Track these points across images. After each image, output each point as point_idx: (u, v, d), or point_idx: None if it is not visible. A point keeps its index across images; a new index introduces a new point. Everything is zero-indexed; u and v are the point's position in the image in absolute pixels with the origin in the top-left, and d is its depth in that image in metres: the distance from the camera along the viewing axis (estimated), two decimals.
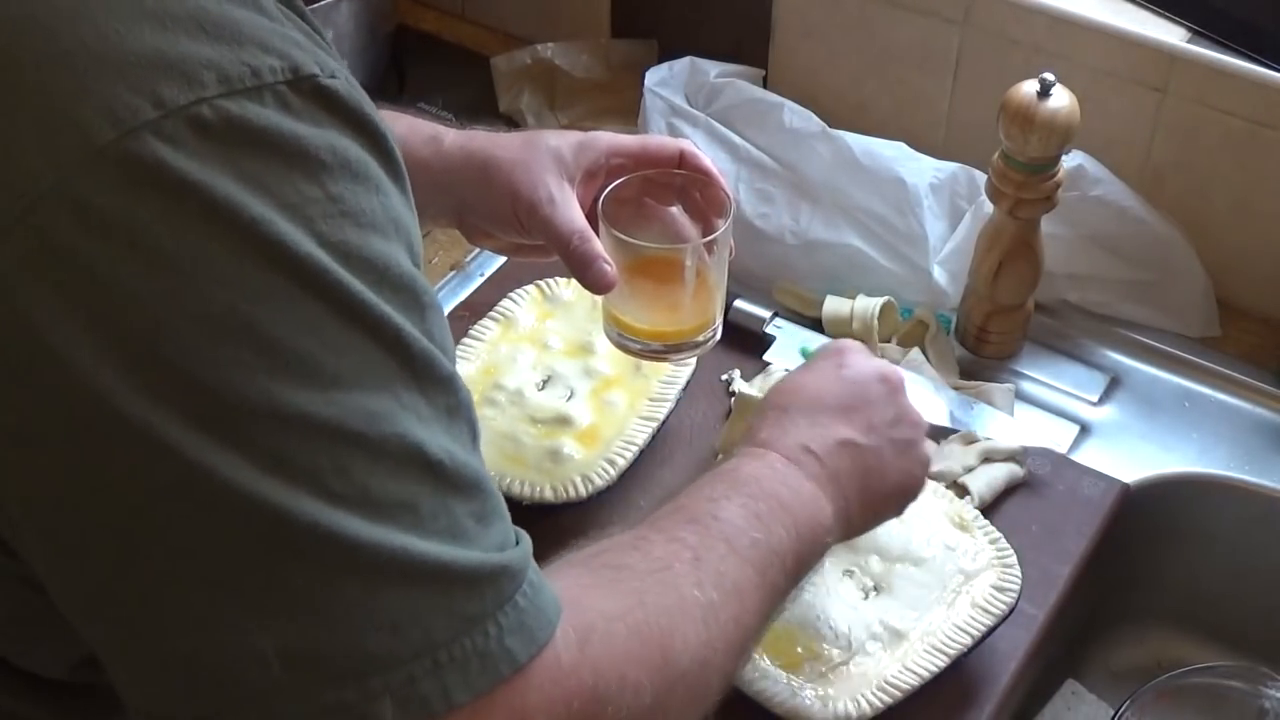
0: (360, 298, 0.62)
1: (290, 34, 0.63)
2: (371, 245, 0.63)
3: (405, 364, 0.63)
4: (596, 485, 1.11)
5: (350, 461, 0.61)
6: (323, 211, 0.61)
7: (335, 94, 0.63)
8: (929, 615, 1.03)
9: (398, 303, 0.63)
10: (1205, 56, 1.23)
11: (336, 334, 0.61)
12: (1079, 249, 1.29)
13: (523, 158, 1.01)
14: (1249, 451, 1.22)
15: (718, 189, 1.04)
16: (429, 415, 0.64)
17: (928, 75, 1.37)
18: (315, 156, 0.61)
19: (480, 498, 0.66)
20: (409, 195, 0.67)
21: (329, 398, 0.61)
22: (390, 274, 0.63)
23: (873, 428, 0.93)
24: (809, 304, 1.29)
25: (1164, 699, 1.15)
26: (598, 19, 1.54)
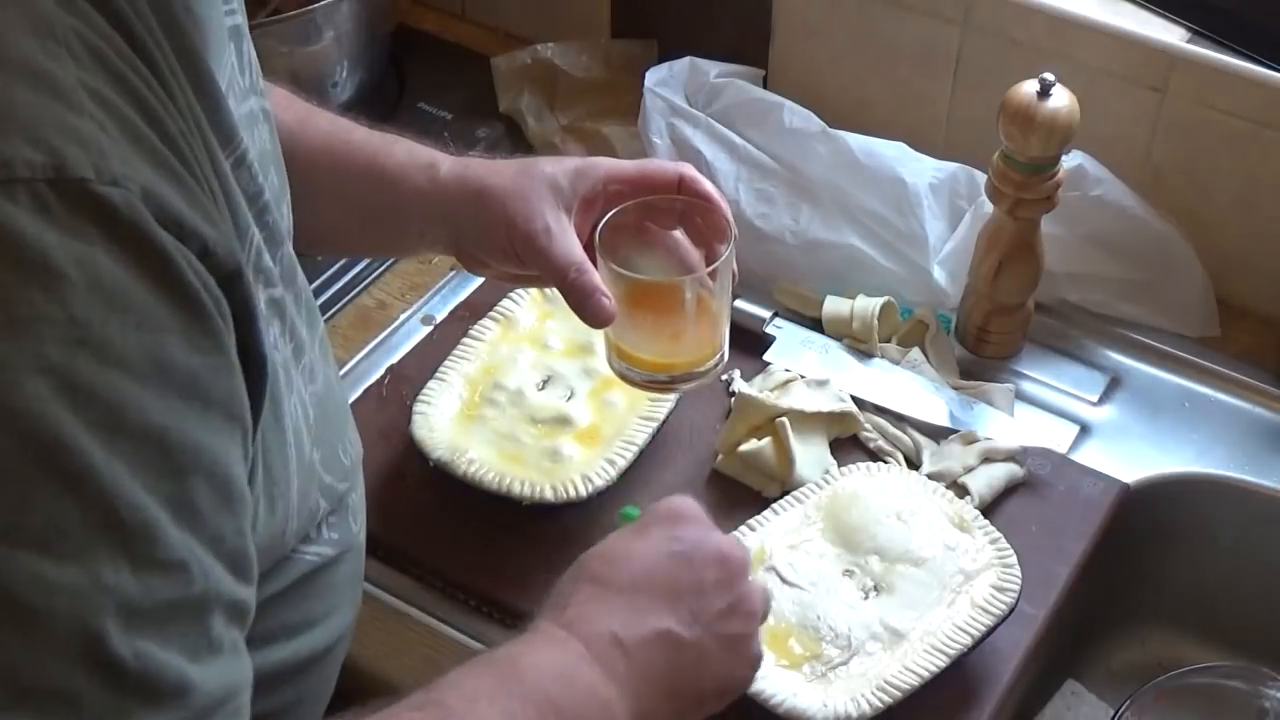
0: (69, 443, 0.53)
1: (81, 126, 0.55)
2: (113, 384, 0.54)
3: (115, 535, 0.54)
4: (596, 485, 1.11)
5: (4, 630, 0.52)
6: (58, 334, 0.53)
7: (108, 205, 0.55)
8: (929, 615, 1.03)
9: (134, 459, 0.55)
10: (1205, 56, 1.23)
11: (23, 480, 0.52)
12: (1079, 249, 1.29)
13: (518, 186, 0.97)
14: (1249, 451, 1.22)
15: (718, 214, 1.00)
16: (133, 603, 0.55)
17: (928, 75, 1.37)
18: (59, 270, 0.53)
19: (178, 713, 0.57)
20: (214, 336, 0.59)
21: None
22: (130, 422, 0.55)
23: (698, 619, 0.82)
24: (809, 304, 1.29)
25: (1164, 699, 1.15)
26: (598, 19, 1.54)
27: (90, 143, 0.55)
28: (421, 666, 1.06)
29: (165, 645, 0.57)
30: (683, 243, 1.01)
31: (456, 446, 1.13)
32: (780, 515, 1.10)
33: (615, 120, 1.45)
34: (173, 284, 0.57)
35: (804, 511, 1.10)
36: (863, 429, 1.20)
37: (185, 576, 0.57)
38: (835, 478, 1.13)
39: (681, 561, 0.84)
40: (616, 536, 0.87)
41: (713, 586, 0.84)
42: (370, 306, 1.32)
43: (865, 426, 1.20)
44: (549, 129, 1.47)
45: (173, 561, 0.57)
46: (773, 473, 1.15)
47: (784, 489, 1.14)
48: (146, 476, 0.55)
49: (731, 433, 1.17)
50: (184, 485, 0.57)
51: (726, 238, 0.99)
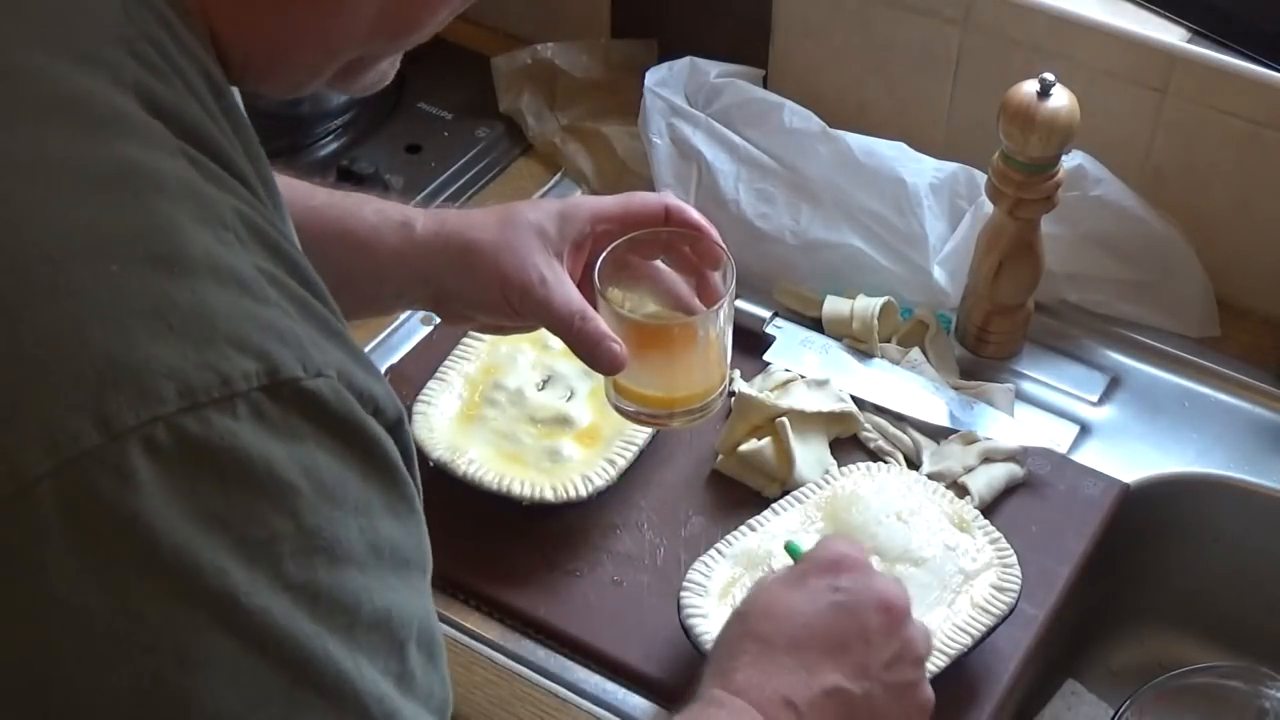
0: (319, 655, 0.53)
1: (275, 319, 0.54)
2: (345, 583, 0.54)
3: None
4: (596, 485, 1.11)
5: None
6: (293, 548, 0.52)
7: (319, 399, 0.54)
8: (929, 615, 1.03)
9: (371, 649, 0.55)
10: (1205, 56, 1.23)
11: (284, 699, 0.53)
12: (1079, 249, 1.29)
13: (505, 239, 0.94)
14: (1249, 451, 1.22)
15: (709, 242, 0.98)
16: None
17: (928, 75, 1.37)
18: (288, 482, 0.52)
19: None
20: (407, 500, 0.59)
21: None
22: (364, 614, 0.55)
23: (867, 671, 0.83)
24: (809, 304, 1.29)
25: (1164, 699, 1.15)
26: (598, 19, 1.54)
27: (288, 336, 0.54)
28: None
29: None
30: (666, 272, 1.00)
31: (456, 446, 1.13)
32: (780, 515, 1.10)
33: (615, 120, 1.45)
34: (375, 460, 0.56)
35: (804, 511, 1.10)
36: (863, 429, 1.20)
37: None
38: (835, 478, 1.13)
39: (844, 613, 0.83)
40: (777, 587, 0.86)
41: (878, 635, 0.83)
42: None
43: (865, 426, 1.20)
44: (549, 129, 1.47)
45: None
46: (773, 473, 1.15)
47: (784, 489, 1.14)
48: (379, 661, 0.56)
49: (731, 433, 1.17)
50: (405, 658, 0.58)
51: (720, 264, 0.98)
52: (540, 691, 1.05)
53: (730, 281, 0.98)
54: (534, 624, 1.08)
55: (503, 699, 1.04)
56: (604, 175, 1.43)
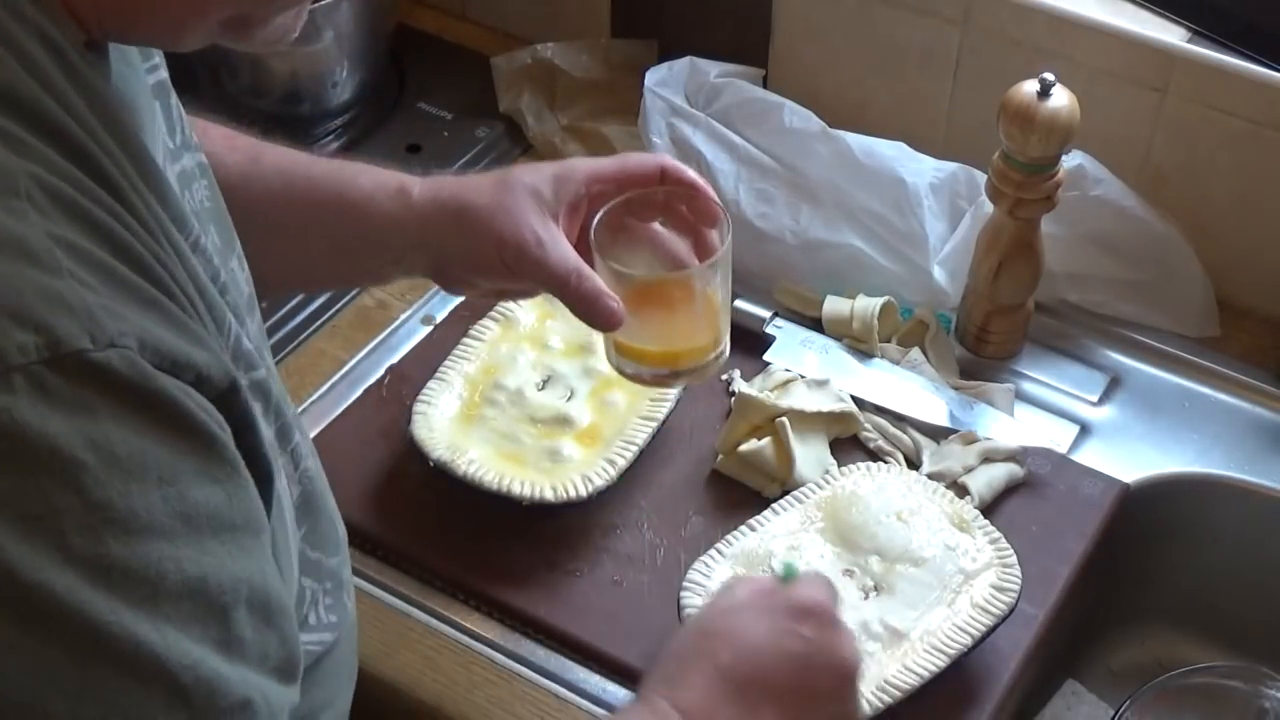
0: (115, 629, 0.52)
1: (64, 289, 0.52)
2: (144, 555, 0.53)
3: (177, 700, 0.54)
4: (596, 485, 1.11)
5: None
6: (77, 523, 0.51)
7: (109, 370, 0.53)
8: (929, 615, 1.03)
9: (180, 618, 0.54)
10: (1205, 56, 1.23)
11: (76, 676, 0.51)
12: (1079, 249, 1.29)
13: (501, 201, 0.95)
14: (1249, 451, 1.22)
15: (706, 200, 0.98)
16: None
17: (928, 75, 1.37)
18: (71, 456, 0.51)
19: None
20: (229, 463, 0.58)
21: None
22: (170, 584, 0.54)
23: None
24: (809, 304, 1.29)
25: (1164, 699, 1.15)
26: (598, 19, 1.54)
27: (78, 307, 0.52)
28: (421, 666, 1.06)
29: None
30: (663, 233, 0.99)
31: (456, 446, 1.13)
32: (780, 515, 1.10)
33: (615, 120, 1.45)
34: (183, 428, 0.55)
35: (804, 511, 1.10)
36: (863, 429, 1.20)
37: (248, 711, 0.57)
38: (835, 478, 1.13)
39: (801, 665, 0.85)
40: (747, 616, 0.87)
41: (824, 696, 0.85)
42: (370, 306, 1.32)
43: (865, 426, 1.20)
44: (549, 129, 1.47)
45: (236, 703, 0.57)
46: (773, 473, 1.15)
47: (784, 489, 1.14)
48: (194, 629, 0.55)
49: (731, 433, 1.17)
50: (229, 623, 0.57)
51: (719, 221, 0.98)
52: (540, 691, 1.05)
53: (727, 237, 0.97)
54: (534, 624, 1.08)
55: (503, 699, 1.04)
56: None
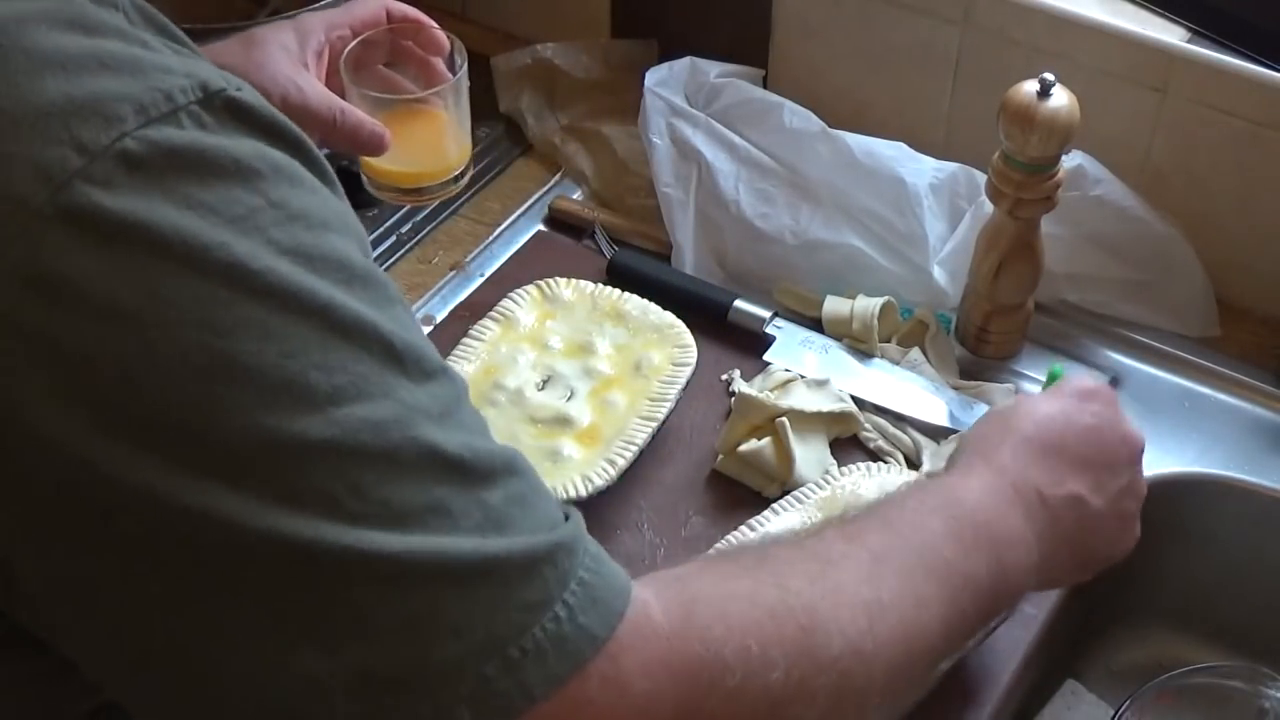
0: (334, 302, 0.60)
1: (182, 59, 0.62)
2: (329, 243, 0.61)
3: (395, 363, 0.61)
4: (596, 485, 1.11)
5: (363, 478, 0.59)
6: (272, 219, 0.60)
7: (248, 105, 0.61)
8: None
9: (369, 299, 0.62)
10: (1205, 56, 1.23)
11: (320, 347, 0.59)
12: (1079, 249, 1.29)
13: (253, 58, 1.04)
14: (1248, 451, 1.22)
15: (430, 31, 1.12)
16: (435, 411, 0.62)
17: (928, 75, 1.37)
18: (250, 166, 0.60)
19: (514, 480, 0.64)
20: (340, 193, 0.66)
21: (327, 417, 0.58)
22: (356, 269, 0.62)
23: (1104, 490, 0.92)
24: (809, 304, 1.29)
25: (1164, 699, 1.15)
26: (598, 19, 1.54)
27: (202, 66, 0.62)
28: None
29: (473, 433, 0.64)
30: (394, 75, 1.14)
31: None
32: (780, 515, 1.10)
33: (615, 120, 1.45)
34: (307, 154, 0.63)
35: (804, 511, 1.10)
36: (863, 429, 1.20)
37: (449, 377, 0.65)
38: (835, 478, 1.13)
39: (1096, 435, 0.93)
40: (1039, 400, 0.96)
41: (1118, 463, 0.93)
42: None
43: (865, 426, 1.20)
44: (549, 129, 1.47)
45: (437, 368, 0.64)
46: (773, 473, 1.15)
47: (784, 489, 1.14)
48: (384, 310, 0.62)
49: (731, 433, 1.17)
50: (401, 310, 0.64)
51: (445, 50, 1.12)
52: None
53: (462, 65, 1.13)
54: None
55: None
56: (604, 175, 1.43)
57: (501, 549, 0.61)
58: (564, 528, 0.65)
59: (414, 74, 1.15)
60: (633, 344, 1.21)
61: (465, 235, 1.38)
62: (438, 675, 0.59)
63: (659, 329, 1.22)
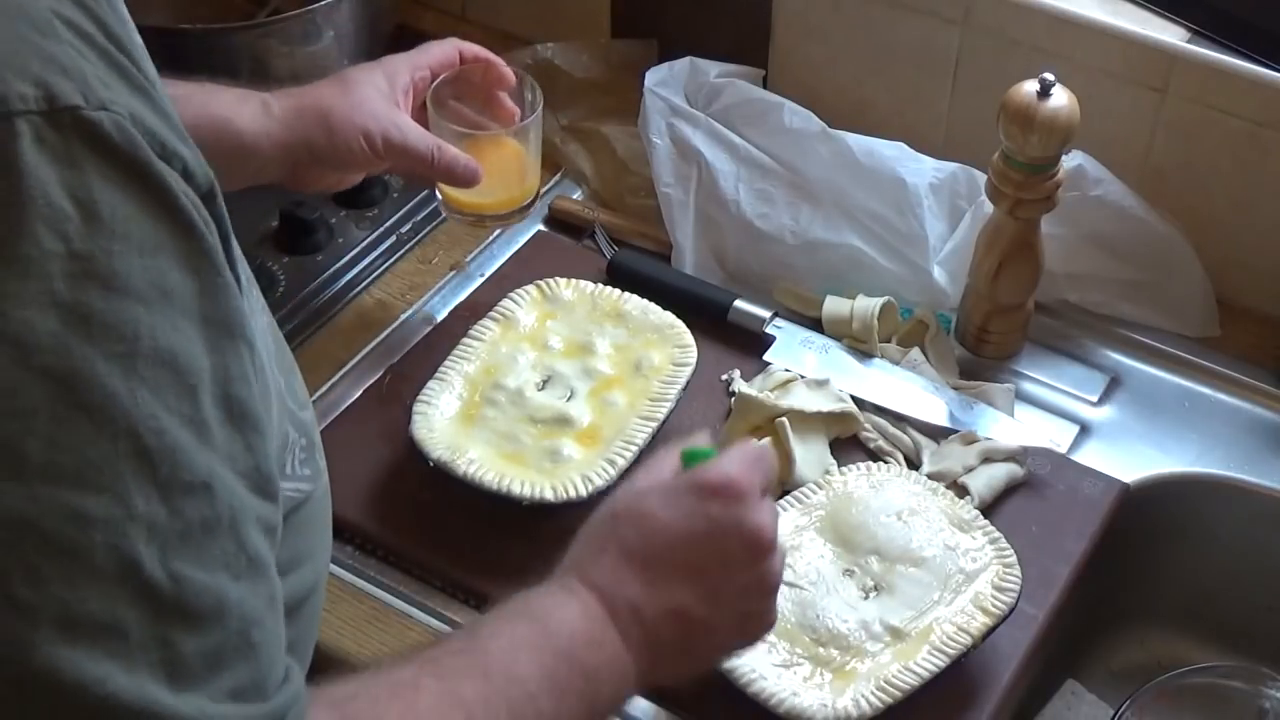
0: (90, 375, 0.54)
1: (61, 54, 0.55)
2: (121, 312, 0.55)
3: (142, 464, 0.55)
4: (596, 485, 1.11)
5: (44, 567, 0.53)
6: (63, 269, 0.54)
7: (101, 131, 0.55)
8: (929, 615, 1.03)
9: (151, 383, 0.56)
10: (1205, 56, 1.23)
11: (50, 416, 0.53)
12: (1079, 249, 1.29)
13: (355, 100, 1.12)
14: (1249, 451, 1.22)
15: (499, 68, 1.21)
16: (168, 529, 0.56)
17: (928, 75, 1.37)
18: (60, 206, 0.54)
19: (219, 633, 0.58)
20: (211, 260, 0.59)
21: (30, 491, 0.53)
22: (144, 347, 0.55)
23: (717, 598, 0.84)
24: (809, 304, 1.29)
25: (1164, 699, 1.15)
26: (598, 19, 1.54)
27: (73, 71, 0.55)
28: None
29: (204, 566, 0.58)
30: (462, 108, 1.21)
31: (456, 446, 1.12)
32: (780, 515, 1.09)
33: (615, 120, 1.45)
34: (168, 207, 0.57)
35: (804, 511, 1.10)
36: (863, 429, 1.20)
37: (210, 496, 0.58)
38: (835, 478, 1.13)
39: (708, 540, 0.83)
40: (653, 499, 0.86)
41: (736, 565, 0.84)
42: (370, 306, 1.32)
43: (865, 426, 1.20)
44: (549, 129, 1.47)
45: (197, 482, 0.58)
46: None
47: (784, 489, 1.14)
48: (165, 398, 0.56)
49: (731, 433, 1.17)
50: (198, 405, 0.58)
51: (511, 85, 1.22)
52: None
53: (536, 98, 1.22)
54: None
55: None
56: (604, 175, 1.43)
57: (167, 705, 0.56)
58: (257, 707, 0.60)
59: (480, 107, 1.23)
60: (633, 344, 1.21)
61: (465, 235, 1.38)
62: None
63: (659, 329, 1.22)
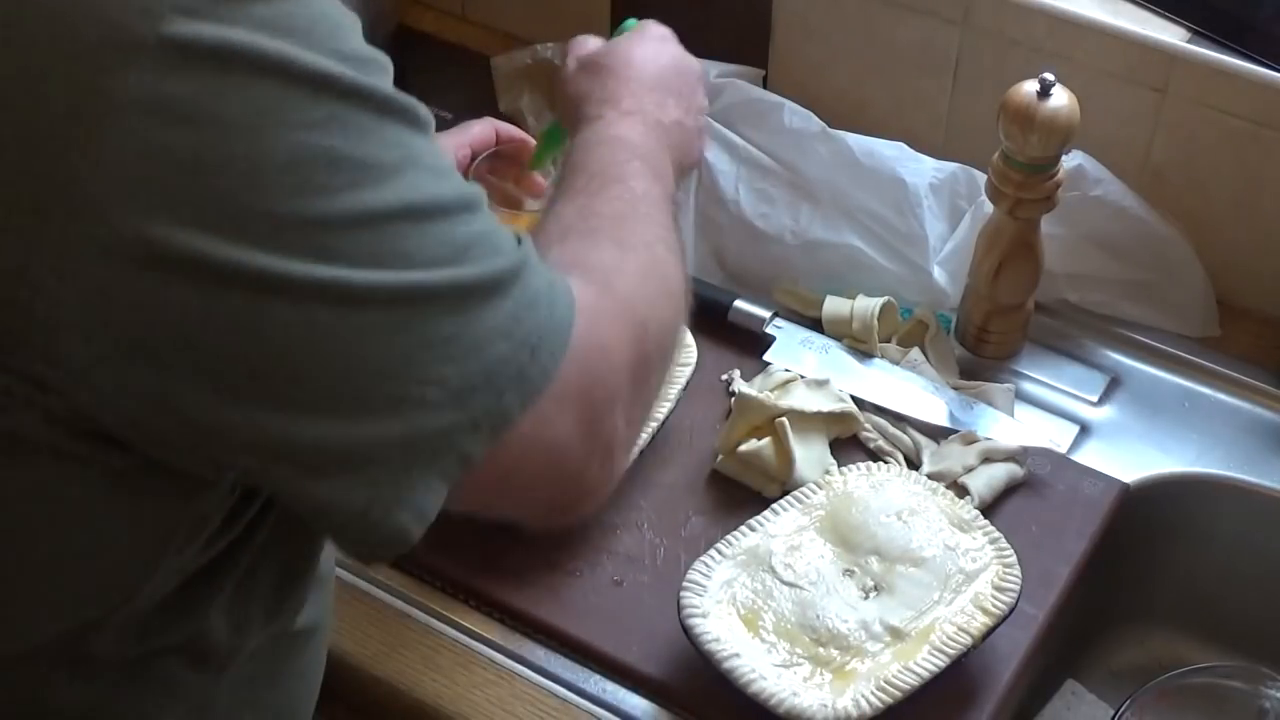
0: (377, 91, 0.69)
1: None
2: (356, 44, 0.70)
3: (412, 126, 0.72)
4: None
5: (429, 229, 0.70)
6: (324, 32, 0.67)
7: None
8: (929, 615, 1.03)
9: (383, 78, 0.71)
10: (1205, 56, 1.23)
11: (379, 132, 0.69)
12: (1079, 249, 1.29)
13: None
14: (1249, 451, 1.22)
15: (529, 145, 1.25)
16: (433, 164, 0.72)
17: (928, 75, 1.37)
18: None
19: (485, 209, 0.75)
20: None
21: (395, 186, 0.69)
22: (374, 60, 0.71)
23: (691, 110, 1.07)
24: (809, 304, 1.29)
25: (1164, 699, 1.15)
26: (598, 19, 1.54)
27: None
28: (421, 666, 1.06)
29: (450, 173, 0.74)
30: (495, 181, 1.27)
31: None
32: (780, 515, 1.10)
33: None
34: None
35: (804, 511, 1.10)
36: (863, 429, 1.20)
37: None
38: (835, 478, 1.13)
39: (676, 67, 1.09)
40: (630, 46, 1.11)
41: (694, 86, 1.09)
42: None
43: (865, 426, 1.20)
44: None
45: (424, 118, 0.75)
46: (773, 473, 1.15)
47: (784, 489, 1.14)
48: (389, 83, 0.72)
49: (731, 433, 1.17)
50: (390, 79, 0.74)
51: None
52: (540, 691, 1.05)
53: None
54: (534, 624, 1.08)
55: (503, 699, 1.04)
56: None
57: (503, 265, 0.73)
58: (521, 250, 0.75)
59: (511, 183, 1.26)
60: None
61: None
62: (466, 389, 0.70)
63: None
